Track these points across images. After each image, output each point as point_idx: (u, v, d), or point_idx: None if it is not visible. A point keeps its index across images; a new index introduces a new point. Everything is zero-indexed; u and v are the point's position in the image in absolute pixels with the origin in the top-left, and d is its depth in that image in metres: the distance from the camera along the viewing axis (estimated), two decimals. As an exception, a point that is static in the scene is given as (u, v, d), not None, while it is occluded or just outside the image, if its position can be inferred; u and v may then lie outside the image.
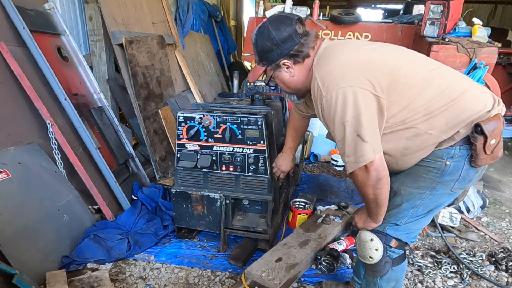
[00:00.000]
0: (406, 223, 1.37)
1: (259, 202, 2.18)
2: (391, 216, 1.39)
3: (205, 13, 5.53)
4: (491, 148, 1.21)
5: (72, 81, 2.70)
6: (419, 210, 1.35)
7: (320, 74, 1.27)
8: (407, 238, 1.41)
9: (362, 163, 1.22)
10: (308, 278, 2.03)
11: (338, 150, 1.31)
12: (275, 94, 2.73)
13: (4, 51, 2.13)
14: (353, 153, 1.23)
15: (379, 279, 1.46)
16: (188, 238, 2.38)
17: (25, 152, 2.09)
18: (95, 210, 2.41)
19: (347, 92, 1.19)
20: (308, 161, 3.99)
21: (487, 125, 1.18)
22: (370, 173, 1.23)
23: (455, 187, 1.31)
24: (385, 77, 1.22)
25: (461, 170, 1.27)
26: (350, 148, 1.23)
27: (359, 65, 1.23)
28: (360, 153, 1.21)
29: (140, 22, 3.39)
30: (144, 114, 3.02)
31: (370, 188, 1.27)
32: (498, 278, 2.12)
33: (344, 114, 1.20)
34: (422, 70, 1.28)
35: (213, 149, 2.10)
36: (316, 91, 1.27)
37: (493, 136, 1.19)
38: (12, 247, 1.79)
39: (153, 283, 1.97)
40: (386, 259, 1.41)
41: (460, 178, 1.29)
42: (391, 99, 1.22)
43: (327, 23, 4.76)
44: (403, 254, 1.46)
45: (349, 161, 1.25)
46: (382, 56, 1.29)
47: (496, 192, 3.41)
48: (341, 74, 1.23)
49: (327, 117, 1.27)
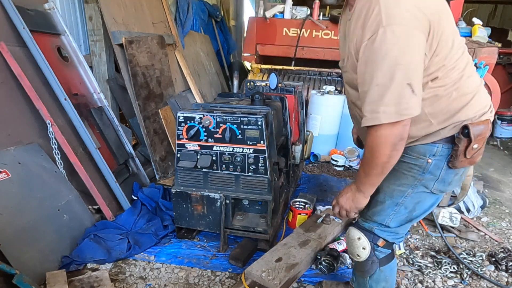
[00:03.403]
0: (391, 222, 1.36)
1: (259, 202, 2.18)
2: (375, 214, 1.38)
3: (205, 13, 5.53)
4: (472, 152, 1.19)
5: (72, 81, 2.70)
6: (401, 208, 1.34)
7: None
8: (394, 238, 1.40)
9: (405, 116, 1.06)
10: (308, 278, 2.03)
11: (366, 95, 1.10)
12: (275, 94, 2.72)
13: (4, 51, 2.13)
14: (396, 103, 1.05)
15: (368, 279, 1.47)
16: (188, 238, 2.38)
17: (25, 152, 2.09)
18: (95, 210, 2.41)
19: (414, 33, 1.03)
20: (308, 161, 3.99)
21: (475, 129, 1.16)
22: (398, 129, 1.08)
23: (435, 188, 1.29)
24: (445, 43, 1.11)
25: (441, 170, 1.25)
26: (394, 96, 1.05)
27: (432, 13, 1.07)
28: (406, 105, 1.05)
29: (140, 22, 3.39)
30: (144, 114, 3.02)
31: (388, 148, 1.11)
32: (498, 278, 2.12)
33: (403, 56, 1.03)
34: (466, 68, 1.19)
35: (213, 149, 2.10)
36: (372, 13, 1.05)
37: (477, 141, 1.17)
38: (12, 247, 1.79)
39: (153, 283, 1.97)
40: (373, 259, 1.41)
41: (440, 178, 1.27)
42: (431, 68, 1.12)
43: (327, 23, 4.76)
44: (391, 253, 1.45)
45: (386, 110, 1.06)
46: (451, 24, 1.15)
47: (496, 192, 3.41)
48: (414, 13, 1.03)
49: (373, 52, 1.06)
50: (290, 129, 2.69)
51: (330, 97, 3.98)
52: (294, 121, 2.90)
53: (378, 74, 1.05)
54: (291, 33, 4.91)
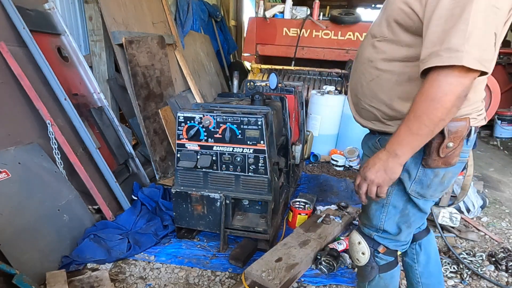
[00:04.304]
0: (386, 225, 1.27)
1: (259, 202, 2.18)
2: (367, 218, 1.31)
3: (205, 13, 5.54)
4: (445, 151, 1.06)
5: (72, 81, 2.70)
6: (389, 209, 1.23)
7: None
8: (396, 245, 1.31)
9: (483, 67, 0.89)
10: (308, 278, 2.03)
11: (450, 31, 0.89)
12: (275, 94, 2.73)
13: (4, 51, 2.13)
14: (481, 49, 0.89)
15: (367, 285, 1.41)
16: (188, 238, 2.38)
17: (25, 152, 2.09)
18: (95, 210, 2.41)
19: None
20: (308, 161, 3.99)
21: (449, 124, 1.02)
22: (469, 80, 0.91)
23: (412, 189, 1.16)
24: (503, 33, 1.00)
25: (417, 169, 1.13)
26: (481, 41, 0.88)
27: None
28: (487, 56, 0.90)
29: (140, 22, 3.39)
30: (144, 114, 3.02)
31: (452, 99, 0.92)
32: (498, 278, 2.12)
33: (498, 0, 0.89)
34: None
35: (213, 149, 2.10)
36: None
37: (452, 138, 1.04)
38: (12, 247, 1.79)
39: (153, 283, 1.97)
40: (373, 265, 1.34)
41: (417, 178, 1.14)
42: None
43: (327, 23, 4.77)
44: (394, 261, 1.36)
45: (470, 51, 0.87)
46: None
47: (496, 192, 3.41)
48: None
49: None
50: (290, 129, 2.69)
51: (330, 97, 3.98)
52: (294, 121, 2.90)
53: (472, 9, 0.87)
54: (291, 33, 4.92)
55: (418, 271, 1.57)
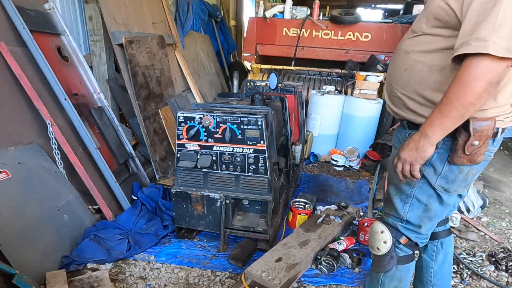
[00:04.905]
0: (409, 216, 1.33)
1: (259, 202, 2.18)
2: (391, 208, 1.38)
3: (205, 13, 5.53)
4: (471, 149, 1.14)
5: (72, 81, 2.70)
6: (413, 201, 1.31)
7: None
8: (417, 238, 1.38)
9: (511, 52, 0.95)
10: (308, 278, 2.03)
11: (481, 23, 0.98)
12: (275, 94, 2.73)
13: (4, 51, 2.13)
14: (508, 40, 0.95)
15: (383, 275, 1.44)
16: (188, 238, 2.38)
17: (25, 152, 2.09)
18: (95, 210, 2.41)
19: None
20: (308, 161, 3.99)
21: (475, 123, 1.10)
22: (501, 67, 0.97)
23: (438, 184, 1.25)
24: None
25: (443, 165, 1.21)
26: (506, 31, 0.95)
27: None
28: None
29: (140, 22, 3.39)
30: (144, 114, 3.02)
31: (483, 85, 0.99)
32: (498, 278, 2.12)
33: None
34: None
35: (213, 149, 2.10)
36: None
37: (477, 137, 1.11)
38: (12, 247, 1.79)
39: (153, 283, 1.97)
40: (392, 255, 1.39)
41: (442, 174, 1.23)
42: None
43: (327, 23, 4.77)
44: (411, 255, 1.42)
45: (497, 42, 0.94)
46: None
47: (496, 192, 3.41)
48: None
49: None
50: (290, 129, 2.69)
51: (330, 97, 3.98)
52: (294, 121, 2.90)
53: (503, 3, 0.95)
54: (291, 33, 4.92)
55: (433, 269, 1.62)
